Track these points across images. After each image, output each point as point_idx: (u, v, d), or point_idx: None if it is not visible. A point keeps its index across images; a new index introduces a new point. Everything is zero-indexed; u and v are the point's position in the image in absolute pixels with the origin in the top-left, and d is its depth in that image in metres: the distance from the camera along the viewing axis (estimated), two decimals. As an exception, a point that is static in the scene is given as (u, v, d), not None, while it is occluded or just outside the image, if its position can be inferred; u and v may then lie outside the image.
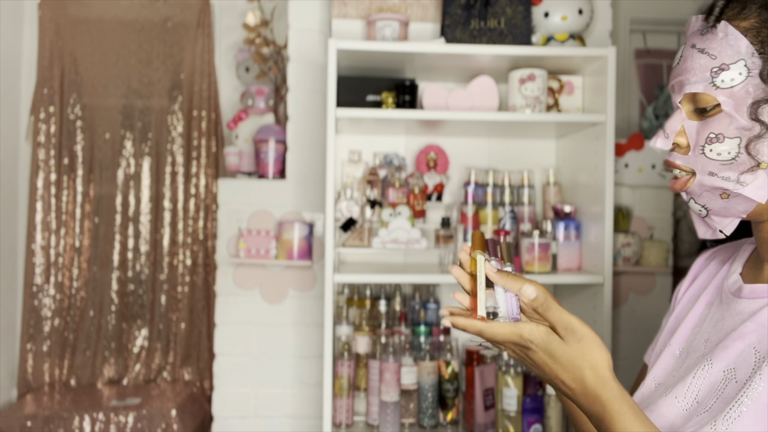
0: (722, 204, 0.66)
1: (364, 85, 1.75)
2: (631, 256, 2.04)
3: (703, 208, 0.68)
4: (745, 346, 0.63)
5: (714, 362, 0.65)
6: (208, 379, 2.53)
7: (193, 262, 2.57)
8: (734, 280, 0.71)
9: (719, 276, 0.76)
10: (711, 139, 0.64)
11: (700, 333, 0.72)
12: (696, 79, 0.64)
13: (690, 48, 0.66)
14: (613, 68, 1.64)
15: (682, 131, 0.68)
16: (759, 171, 0.62)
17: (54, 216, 2.52)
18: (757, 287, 0.67)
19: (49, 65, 2.51)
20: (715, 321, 0.71)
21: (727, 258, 0.78)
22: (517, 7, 1.77)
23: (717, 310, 0.72)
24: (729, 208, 0.66)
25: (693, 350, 0.71)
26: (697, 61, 0.64)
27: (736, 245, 0.79)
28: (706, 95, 0.64)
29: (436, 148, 1.93)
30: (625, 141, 2.09)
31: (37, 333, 2.49)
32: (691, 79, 0.65)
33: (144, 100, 2.59)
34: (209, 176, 2.59)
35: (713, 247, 0.84)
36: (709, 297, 0.75)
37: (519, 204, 1.85)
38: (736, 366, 0.63)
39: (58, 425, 2.10)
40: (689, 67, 0.65)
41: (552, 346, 0.61)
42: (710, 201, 0.67)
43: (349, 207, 1.80)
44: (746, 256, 0.74)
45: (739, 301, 0.68)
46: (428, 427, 1.71)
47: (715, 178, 0.65)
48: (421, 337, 1.76)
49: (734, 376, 0.62)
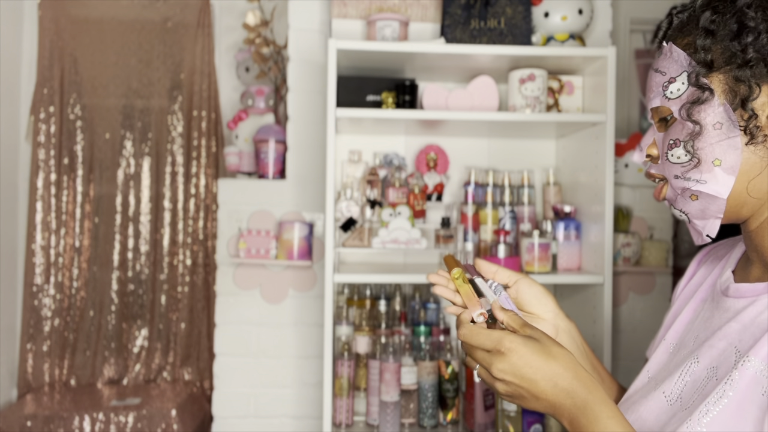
0: (696, 206, 0.69)
1: (364, 85, 1.75)
2: (631, 256, 2.04)
3: (682, 212, 0.71)
4: (727, 345, 0.65)
5: (700, 360, 0.67)
6: (208, 379, 2.53)
7: (193, 262, 2.57)
8: (726, 278, 0.73)
9: (714, 273, 0.78)
10: (671, 145, 0.69)
11: (692, 330, 0.74)
12: (653, 95, 0.71)
13: (651, 70, 0.74)
14: (613, 68, 1.64)
15: (654, 144, 0.74)
16: (716, 169, 0.66)
17: (54, 216, 2.52)
18: (743, 286, 0.69)
19: (49, 65, 2.51)
20: (705, 318, 0.73)
21: (723, 255, 0.80)
22: (517, 7, 1.77)
23: (708, 308, 0.74)
24: (704, 210, 0.69)
25: (683, 346, 0.73)
26: (653, 80, 0.72)
27: (733, 242, 0.80)
28: (663, 107, 0.71)
29: (436, 148, 1.93)
30: (625, 141, 2.09)
31: (37, 333, 2.49)
32: (650, 95, 0.72)
33: (144, 100, 2.59)
34: (209, 176, 2.59)
35: (711, 244, 0.85)
36: (704, 294, 0.78)
37: (519, 204, 1.85)
38: (717, 365, 0.65)
39: (58, 425, 2.10)
40: (649, 86, 0.73)
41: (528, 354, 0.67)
42: (685, 205, 0.70)
43: (349, 207, 1.80)
44: (739, 254, 0.76)
45: (726, 299, 0.70)
46: (428, 427, 1.71)
47: (680, 180, 0.69)
48: (421, 337, 1.76)
49: (715, 375, 0.64)
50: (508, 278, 0.81)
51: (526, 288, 0.81)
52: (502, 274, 0.81)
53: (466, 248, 1.76)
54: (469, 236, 1.80)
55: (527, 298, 0.81)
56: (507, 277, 0.81)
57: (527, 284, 0.81)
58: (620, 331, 2.08)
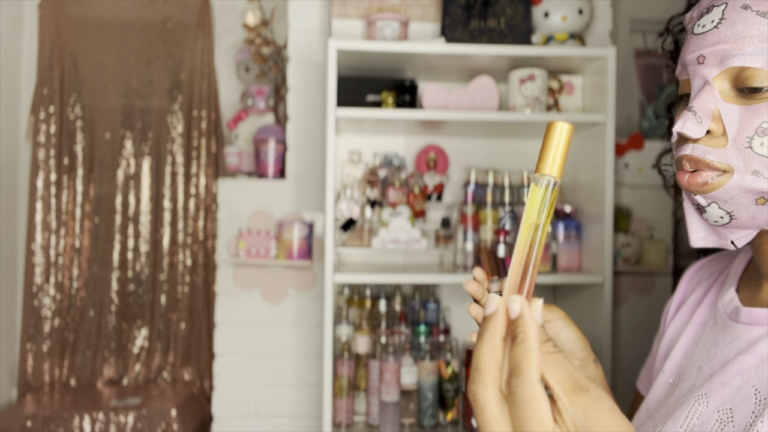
0: (753, 212, 0.54)
1: (364, 85, 1.75)
2: (631, 256, 2.04)
3: (728, 215, 0.55)
4: (742, 384, 0.55)
5: (709, 399, 0.56)
6: (208, 379, 2.53)
7: (193, 262, 2.57)
8: (730, 298, 0.62)
9: (713, 292, 0.67)
10: (764, 130, 0.51)
11: (692, 359, 0.63)
12: (754, 49, 0.50)
13: (740, 9, 0.52)
14: (613, 68, 1.64)
15: (717, 116, 0.53)
16: None
17: (54, 216, 2.52)
18: (756, 312, 0.57)
19: (49, 65, 2.51)
20: (708, 346, 0.62)
21: (720, 270, 0.69)
22: (517, 7, 1.77)
23: (710, 333, 0.63)
24: (758, 217, 0.54)
25: (684, 378, 0.63)
26: (755, 26, 0.50)
27: (728, 256, 0.70)
28: (763, 72, 0.50)
29: (436, 148, 1.93)
30: (625, 141, 2.09)
31: (37, 333, 2.49)
32: (746, 48, 0.51)
33: (144, 100, 2.59)
34: (209, 176, 2.59)
35: (702, 258, 0.74)
36: (703, 316, 0.66)
37: (519, 204, 1.85)
38: (733, 407, 0.54)
39: (58, 425, 2.10)
40: (743, 33, 0.51)
41: None
42: (741, 207, 0.54)
43: (349, 207, 1.80)
44: (741, 269, 0.65)
45: (735, 325, 0.59)
46: (428, 427, 1.70)
47: (760, 178, 0.52)
48: (421, 337, 1.76)
49: (731, 418, 0.54)
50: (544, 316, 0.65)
51: (562, 331, 0.66)
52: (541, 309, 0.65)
53: (466, 248, 1.76)
54: (469, 236, 1.80)
55: (560, 339, 0.65)
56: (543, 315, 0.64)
57: (565, 327, 0.65)
58: (620, 332, 2.08)
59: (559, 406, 0.37)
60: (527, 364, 0.37)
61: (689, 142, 0.55)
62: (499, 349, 0.39)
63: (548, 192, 0.43)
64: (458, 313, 1.95)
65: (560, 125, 0.43)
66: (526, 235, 0.43)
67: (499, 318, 0.40)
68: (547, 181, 0.43)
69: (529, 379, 0.37)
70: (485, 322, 0.40)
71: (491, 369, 0.38)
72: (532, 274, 0.43)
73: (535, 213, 0.43)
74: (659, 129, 2.21)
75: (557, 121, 0.43)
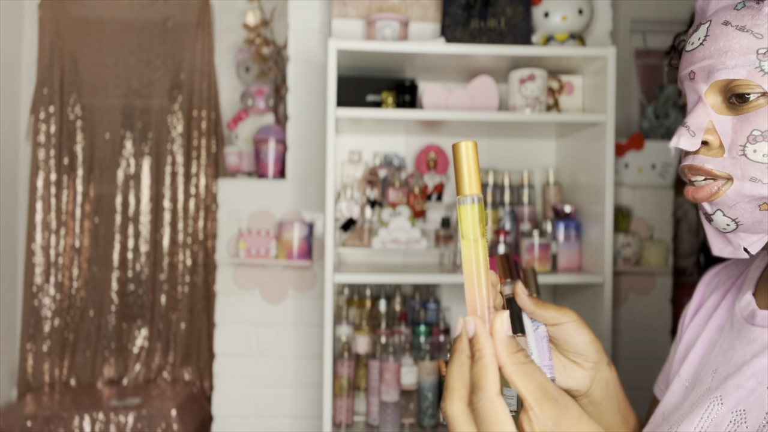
0: (758, 217, 0.55)
1: (364, 85, 1.75)
2: (631, 256, 2.03)
3: (734, 221, 0.57)
4: (756, 385, 0.55)
5: (723, 401, 0.57)
6: (208, 379, 2.53)
7: (193, 262, 2.57)
8: (746, 302, 0.62)
9: (730, 296, 0.68)
10: (754, 138, 0.53)
11: (708, 362, 0.64)
12: (736, 62, 0.53)
13: (721, 25, 0.54)
14: (613, 68, 1.64)
15: (712, 128, 0.56)
16: None
17: (54, 216, 2.52)
18: None
19: (49, 65, 2.51)
20: (724, 349, 0.62)
21: (737, 274, 0.69)
22: (517, 7, 1.77)
23: (727, 336, 0.63)
24: (764, 222, 0.56)
25: (700, 381, 0.63)
26: (736, 41, 0.53)
27: (745, 260, 0.70)
28: (748, 82, 0.53)
29: (436, 148, 1.93)
30: (625, 141, 2.09)
31: (37, 333, 2.49)
32: (728, 62, 0.53)
33: (144, 100, 2.59)
34: (209, 176, 2.59)
35: (719, 264, 0.74)
36: (720, 320, 0.67)
37: (519, 204, 1.85)
38: (747, 408, 0.55)
39: (58, 425, 2.10)
40: (724, 48, 0.54)
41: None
42: (745, 214, 0.56)
43: (349, 207, 1.80)
44: (759, 274, 0.64)
45: (752, 328, 0.59)
46: (428, 427, 1.70)
47: (758, 184, 0.54)
48: (421, 337, 1.76)
49: (744, 419, 0.54)
50: (556, 318, 0.62)
51: (574, 333, 0.63)
52: (550, 311, 0.62)
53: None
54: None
55: (572, 342, 0.63)
56: (555, 318, 0.61)
57: (577, 330, 0.62)
58: (620, 332, 2.08)
59: (530, 415, 0.40)
60: (485, 380, 0.41)
61: (690, 153, 0.58)
62: (466, 367, 0.42)
63: (476, 209, 0.46)
64: (458, 313, 1.95)
65: (464, 145, 0.46)
66: (468, 252, 0.45)
67: (463, 338, 0.43)
68: (471, 199, 0.46)
69: (488, 393, 0.40)
70: (454, 343, 0.44)
71: (458, 387, 0.42)
72: (487, 287, 0.45)
73: (470, 230, 0.46)
74: (659, 129, 2.21)
75: (460, 142, 0.46)
